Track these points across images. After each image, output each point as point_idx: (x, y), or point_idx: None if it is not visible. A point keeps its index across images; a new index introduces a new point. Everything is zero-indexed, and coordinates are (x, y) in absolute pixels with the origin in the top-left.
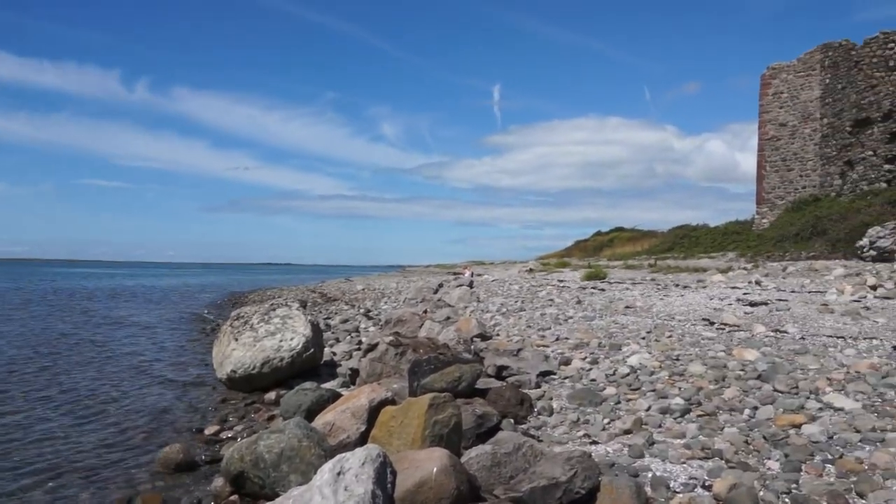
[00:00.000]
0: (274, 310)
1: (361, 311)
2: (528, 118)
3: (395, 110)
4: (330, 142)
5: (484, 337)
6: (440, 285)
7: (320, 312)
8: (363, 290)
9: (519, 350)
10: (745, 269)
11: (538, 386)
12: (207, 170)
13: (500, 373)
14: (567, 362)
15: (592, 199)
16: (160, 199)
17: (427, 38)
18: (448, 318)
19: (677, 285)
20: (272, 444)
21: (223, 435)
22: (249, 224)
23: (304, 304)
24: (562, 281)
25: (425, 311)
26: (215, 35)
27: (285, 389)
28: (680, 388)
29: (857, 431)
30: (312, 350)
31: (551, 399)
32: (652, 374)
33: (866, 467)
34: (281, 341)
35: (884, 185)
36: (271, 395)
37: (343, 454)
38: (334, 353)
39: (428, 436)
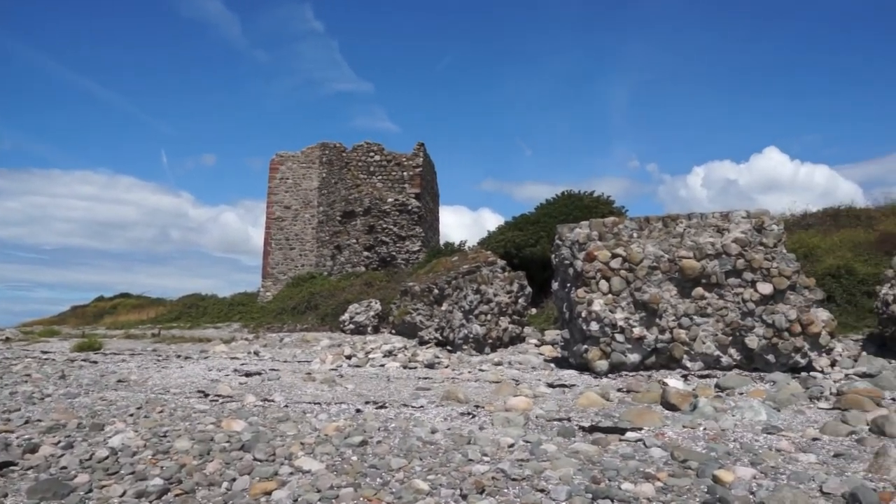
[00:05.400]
0: None
1: None
2: (20, 162)
3: None
4: None
5: None
6: None
7: None
8: None
9: None
10: (247, 339)
11: None
12: None
13: None
14: (34, 449)
15: (98, 260)
16: None
17: None
18: None
19: (179, 356)
20: None
21: None
22: None
23: None
24: (46, 352)
25: None
26: None
27: None
28: (162, 468)
29: (318, 491)
30: None
31: (6, 496)
32: (134, 454)
33: None
34: None
35: (363, 268)
36: None
37: None
38: None
39: None
